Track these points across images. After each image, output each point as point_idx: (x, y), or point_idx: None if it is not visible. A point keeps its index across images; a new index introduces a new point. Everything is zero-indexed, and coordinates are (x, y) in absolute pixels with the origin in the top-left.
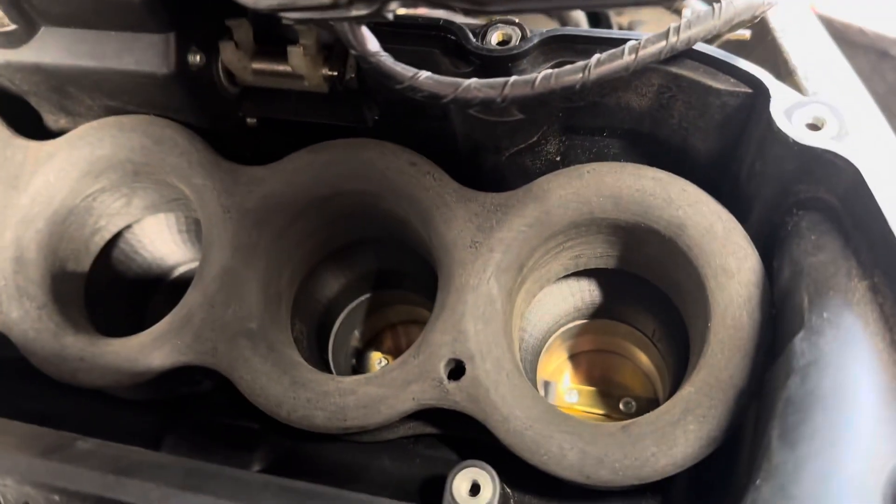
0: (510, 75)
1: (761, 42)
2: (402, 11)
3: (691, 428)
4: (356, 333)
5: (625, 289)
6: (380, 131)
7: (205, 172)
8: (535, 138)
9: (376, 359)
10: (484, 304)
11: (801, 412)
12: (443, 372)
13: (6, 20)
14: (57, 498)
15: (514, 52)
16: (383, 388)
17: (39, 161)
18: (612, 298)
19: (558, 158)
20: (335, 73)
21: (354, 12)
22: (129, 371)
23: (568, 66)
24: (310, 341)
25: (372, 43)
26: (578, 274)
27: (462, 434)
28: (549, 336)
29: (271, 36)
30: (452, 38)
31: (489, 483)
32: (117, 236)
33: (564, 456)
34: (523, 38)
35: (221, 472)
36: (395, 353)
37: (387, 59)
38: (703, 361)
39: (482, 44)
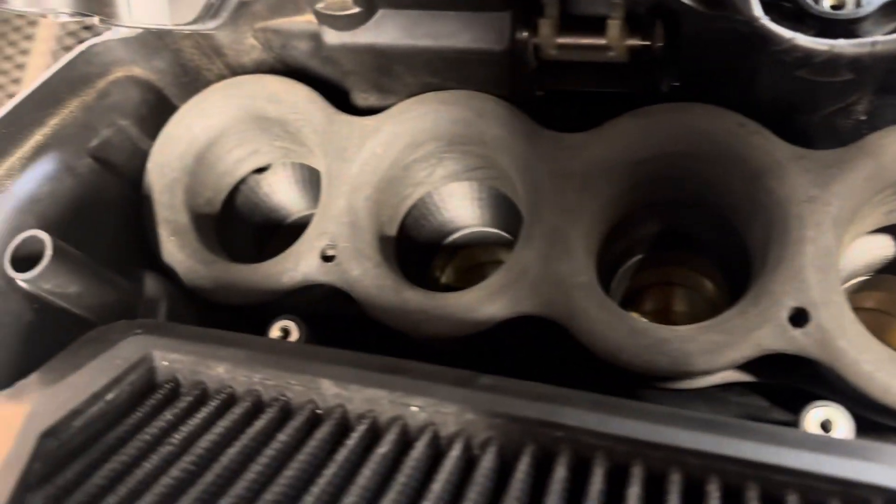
0: (853, 37)
1: None
2: None
3: None
4: (620, 292)
5: None
6: (671, 98)
7: (528, 141)
8: (854, 98)
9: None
10: (822, 255)
11: None
12: (786, 319)
13: (350, 3)
14: (498, 423)
15: (859, 14)
16: (725, 335)
17: (365, 134)
18: None
19: (864, 118)
20: (646, 43)
21: None
22: (470, 321)
23: None
24: None
25: (757, 7)
26: (878, 230)
27: (774, 381)
28: None
29: (575, 11)
30: (789, 4)
31: (844, 419)
32: (413, 205)
33: None
34: (858, 3)
35: (623, 403)
36: (654, 314)
37: (768, 23)
38: None
39: (819, 8)
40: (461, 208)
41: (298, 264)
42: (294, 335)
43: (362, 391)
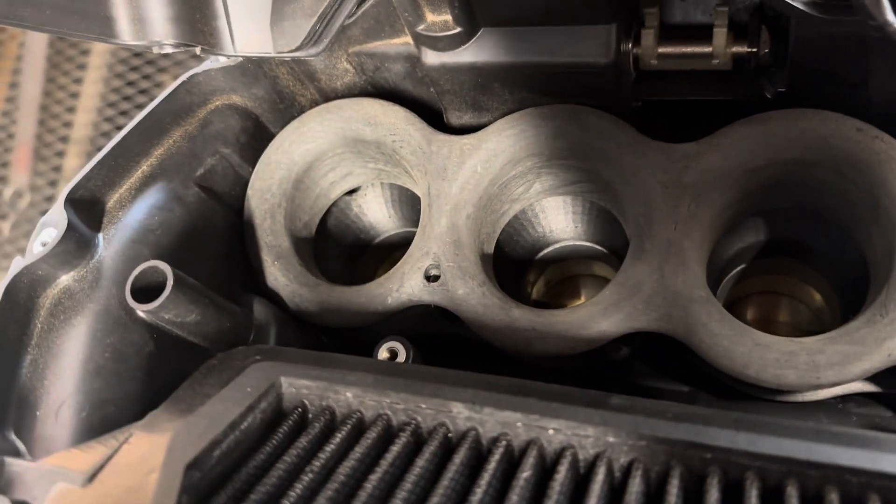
0: None
1: None
2: None
3: None
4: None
5: None
6: (774, 104)
7: (636, 152)
8: None
9: None
10: None
11: None
12: None
13: (451, 23)
14: (642, 445)
15: None
16: (855, 346)
17: (464, 153)
18: None
19: None
20: (752, 50)
21: None
22: (582, 338)
23: None
24: None
25: (889, 12)
26: None
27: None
28: None
29: (675, 21)
30: None
31: None
32: (510, 220)
33: None
34: None
35: (769, 421)
36: (755, 324)
37: None
38: None
39: None
40: (556, 222)
41: (403, 285)
42: (402, 356)
43: (496, 414)
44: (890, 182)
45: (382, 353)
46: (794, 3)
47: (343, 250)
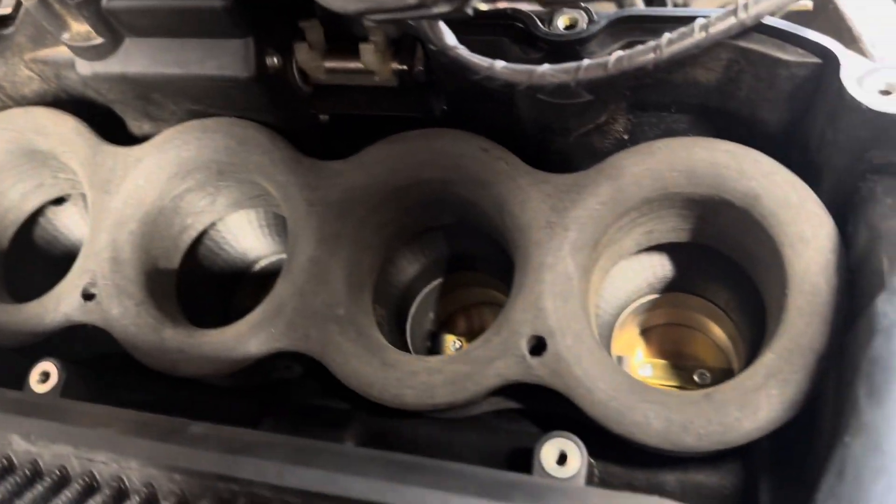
0: (580, 58)
1: (823, 11)
2: (482, 7)
3: (774, 392)
4: (430, 316)
5: (697, 261)
6: (448, 120)
7: (288, 169)
8: (603, 118)
9: (450, 341)
10: (561, 281)
11: (889, 371)
12: (525, 348)
13: (93, 34)
14: (178, 478)
15: (583, 35)
16: (469, 366)
17: (129, 165)
18: (684, 271)
19: (626, 137)
20: (405, 67)
21: (436, 10)
22: (228, 359)
23: (640, 47)
24: (390, 325)
25: (450, 37)
26: (650, 249)
27: (543, 408)
28: (622, 312)
29: (341, 35)
30: (520, 25)
31: (577, 453)
32: (203, 233)
33: (650, 424)
34: (590, 21)
35: (328, 447)
36: (468, 335)
37: (464, 52)
38: (782, 328)
39: (550, 29)
40: (255, 236)
41: (60, 304)
42: (54, 378)
43: (50, 447)
44: (510, 202)
45: (34, 375)
46: (415, 24)
47: (52, 265)
